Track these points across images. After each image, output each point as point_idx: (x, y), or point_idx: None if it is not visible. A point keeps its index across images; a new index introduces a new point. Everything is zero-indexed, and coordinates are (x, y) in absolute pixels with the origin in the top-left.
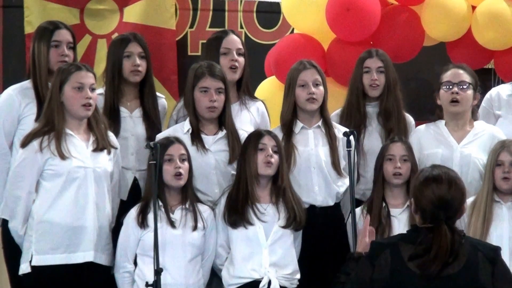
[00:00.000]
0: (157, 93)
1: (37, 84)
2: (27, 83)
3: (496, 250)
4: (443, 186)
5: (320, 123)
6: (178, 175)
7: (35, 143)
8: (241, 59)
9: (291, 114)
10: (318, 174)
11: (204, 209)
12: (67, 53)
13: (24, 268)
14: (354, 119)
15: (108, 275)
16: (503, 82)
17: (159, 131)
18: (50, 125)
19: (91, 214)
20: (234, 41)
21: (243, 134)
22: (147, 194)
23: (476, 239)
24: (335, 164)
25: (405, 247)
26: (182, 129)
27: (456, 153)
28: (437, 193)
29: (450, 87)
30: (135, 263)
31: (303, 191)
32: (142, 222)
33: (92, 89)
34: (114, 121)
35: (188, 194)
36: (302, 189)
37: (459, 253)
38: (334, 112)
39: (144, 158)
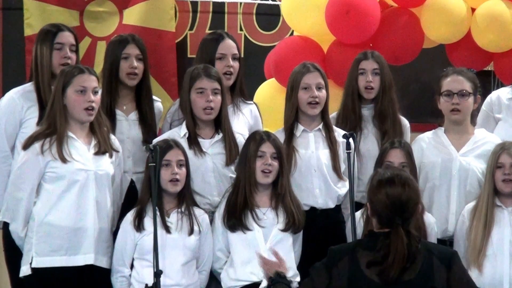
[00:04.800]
0: (153, 97)
1: (39, 87)
2: (29, 86)
3: (452, 254)
4: (397, 188)
5: (320, 126)
6: (175, 181)
7: (36, 146)
8: (236, 64)
9: (293, 117)
10: (318, 177)
11: (199, 213)
12: (70, 56)
13: (25, 270)
14: (350, 121)
15: (109, 278)
16: (502, 84)
17: (155, 134)
18: (52, 127)
19: (92, 217)
20: (230, 46)
21: (239, 138)
22: (142, 198)
23: (432, 243)
24: (336, 168)
25: (362, 254)
26: (178, 134)
27: (456, 161)
28: (391, 195)
29: (451, 96)
30: (132, 266)
31: (304, 194)
32: (138, 226)
33: (95, 92)
34: (110, 124)
35: (185, 198)
36: (303, 191)
37: (416, 258)
38: (330, 115)
39: (140, 161)
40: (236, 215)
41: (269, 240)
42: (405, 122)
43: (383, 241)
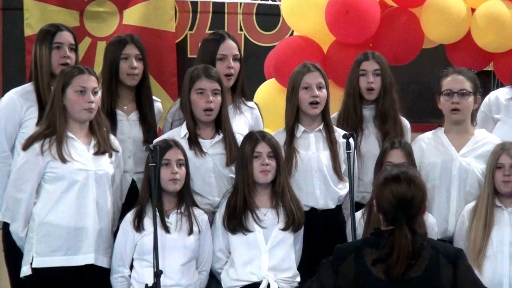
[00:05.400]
0: (153, 97)
1: (39, 87)
2: (28, 86)
3: (458, 252)
4: (402, 185)
5: (321, 127)
6: (174, 180)
7: (36, 146)
8: (237, 65)
9: (294, 118)
10: (319, 178)
11: (199, 213)
12: (69, 55)
13: (25, 270)
14: (351, 122)
15: (109, 278)
16: (502, 85)
17: (155, 134)
18: (51, 128)
19: (92, 217)
20: (231, 47)
21: (239, 138)
22: (142, 198)
23: (438, 241)
24: (336, 169)
25: (368, 252)
26: (179, 134)
27: (456, 162)
28: (396, 193)
29: (451, 95)
30: (132, 267)
31: (304, 195)
32: (138, 226)
33: (95, 93)
34: (110, 124)
35: (184, 198)
36: (303, 192)
37: (421, 255)
38: (331, 116)
39: (141, 161)
40: (237, 217)
41: (270, 240)
42: (405, 122)
43: (387, 238)
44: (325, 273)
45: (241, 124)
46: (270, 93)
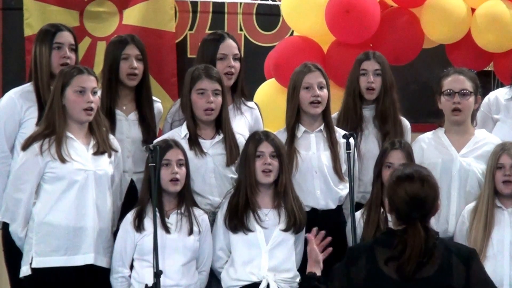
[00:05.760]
0: (153, 97)
1: (39, 87)
2: (28, 86)
3: (471, 252)
4: (416, 184)
5: (322, 127)
6: (175, 180)
7: (35, 146)
8: (237, 64)
9: (295, 118)
10: (320, 178)
11: (199, 214)
12: (69, 55)
13: (25, 270)
14: (351, 122)
15: (109, 278)
16: (502, 85)
17: (155, 134)
18: (51, 128)
19: (92, 217)
20: (231, 46)
21: (239, 138)
22: (142, 198)
23: (451, 241)
24: (337, 169)
25: (380, 251)
26: (179, 134)
27: (456, 162)
28: (410, 191)
29: (452, 96)
30: (132, 267)
31: (305, 195)
32: (138, 226)
33: (94, 93)
34: (109, 123)
35: (185, 199)
36: (304, 193)
37: (433, 253)
38: (331, 116)
39: (140, 161)
40: (238, 216)
41: (271, 241)
42: (406, 122)
43: (401, 237)
44: (338, 277)
45: (241, 124)
46: (270, 93)
